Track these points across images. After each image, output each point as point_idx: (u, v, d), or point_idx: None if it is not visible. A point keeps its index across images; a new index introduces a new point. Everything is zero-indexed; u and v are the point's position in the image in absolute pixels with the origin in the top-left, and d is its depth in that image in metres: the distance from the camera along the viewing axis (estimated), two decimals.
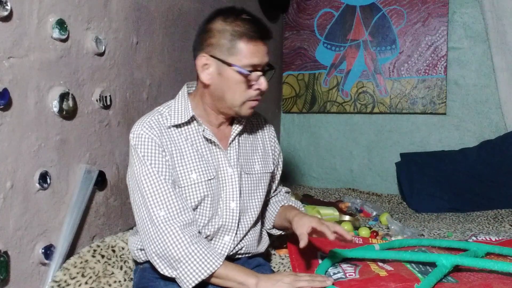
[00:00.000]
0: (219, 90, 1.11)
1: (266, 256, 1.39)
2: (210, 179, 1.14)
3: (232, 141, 1.19)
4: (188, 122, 1.15)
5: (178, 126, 1.15)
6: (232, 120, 1.21)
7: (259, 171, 1.25)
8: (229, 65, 1.08)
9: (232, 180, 1.17)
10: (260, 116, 1.33)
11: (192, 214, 1.09)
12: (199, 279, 1.02)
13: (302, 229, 1.11)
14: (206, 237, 1.15)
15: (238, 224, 1.18)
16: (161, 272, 1.06)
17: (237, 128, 1.20)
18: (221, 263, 1.04)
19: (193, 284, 1.03)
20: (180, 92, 1.22)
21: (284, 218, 1.27)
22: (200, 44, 1.11)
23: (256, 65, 1.09)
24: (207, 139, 1.16)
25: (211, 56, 1.09)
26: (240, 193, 1.18)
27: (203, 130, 1.15)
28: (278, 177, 1.38)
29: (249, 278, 1.03)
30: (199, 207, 1.14)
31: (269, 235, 1.38)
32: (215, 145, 1.17)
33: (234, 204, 1.17)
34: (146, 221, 1.07)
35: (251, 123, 1.29)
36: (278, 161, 1.37)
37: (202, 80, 1.12)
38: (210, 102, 1.15)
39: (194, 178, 1.12)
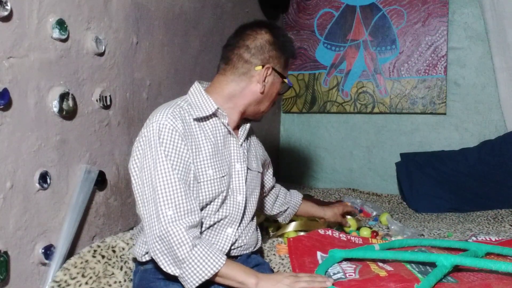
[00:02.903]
0: (265, 97, 1.24)
1: (262, 254, 1.41)
2: (223, 176, 1.17)
3: (246, 139, 1.29)
4: (209, 117, 1.19)
5: (199, 120, 1.17)
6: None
7: (255, 169, 1.31)
8: (284, 77, 1.25)
9: (239, 175, 1.22)
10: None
11: (198, 216, 1.09)
12: (203, 279, 1.03)
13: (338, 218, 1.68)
14: (209, 227, 1.17)
15: (242, 217, 1.22)
16: (164, 270, 1.06)
17: (247, 127, 1.29)
18: (224, 262, 1.04)
19: (197, 284, 1.03)
20: (193, 89, 1.23)
21: (308, 213, 1.66)
22: (261, 53, 1.20)
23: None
24: (228, 131, 1.22)
25: (273, 68, 1.22)
26: (250, 185, 1.25)
27: (227, 124, 1.20)
28: (271, 172, 1.55)
29: (250, 278, 1.04)
30: (212, 202, 1.16)
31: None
32: (233, 136, 1.23)
33: (241, 198, 1.21)
34: (153, 218, 1.06)
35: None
36: (268, 162, 1.52)
37: (256, 86, 1.21)
38: (246, 104, 1.23)
39: (211, 174, 1.14)
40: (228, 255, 1.19)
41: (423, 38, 2.72)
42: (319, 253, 1.34)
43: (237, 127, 1.28)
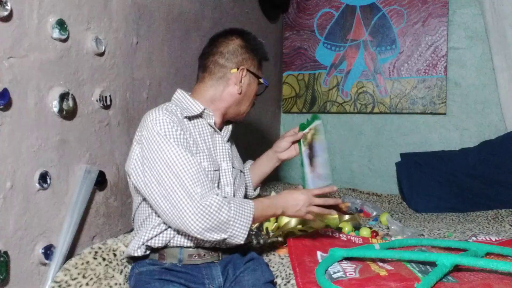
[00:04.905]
0: (243, 98, 1.32)
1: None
2: (216, 170, 1.23)
3: (228, 140, 1.35)
4: (196, 117, 1.25)
5: (189, 118, 1.24)
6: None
7: (238, 168, 1.39)
8: (259, 78, 1.34)
9: (226, 172, 1.29)
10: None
11: (217, 189, 1.17)
12: (248, 229, 1.12)
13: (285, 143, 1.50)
14: None
15: None
16: (212, 240, 1.10)
17: (229, 129, 1.36)
18: (253, 206, 1.14)
19: (246, 235, 1.12)
20: (177, 95, 1.31)
21: (257, 168, 1.56)
22: (234, 57, 1.28)
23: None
24: (215, 130, 1.29)
25: (247, 69, 1.30)
26: (234, 182, 1.31)
27: (214, 123, 1.28)
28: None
29: (277, 211, 1.23)
30: None
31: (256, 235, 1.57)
32: (218, 134, 1.30)
33: (229, 189, 1.28)
34: (185, 201, 1.07)
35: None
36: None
37: (234, 88, 1.28)
38: (226, 106, 1.30)
39: (206, 166, 1.20)
40: (219, 248, 1.21)
41: (423, 38, 2.72)
42: (319, 253, 1.34)
43: (220, 129, 1.33)
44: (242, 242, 1.13)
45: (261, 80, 1.35)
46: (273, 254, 1.44)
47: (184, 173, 1.09)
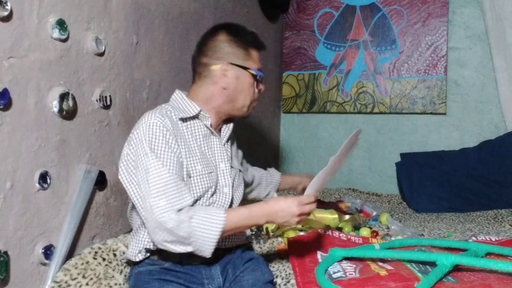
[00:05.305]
0: (234, 92, 1.27)
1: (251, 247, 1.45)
2: (211, 172, 1.22)
3: (228, 139, 1.33)
4: (191, 118, 1.24)
5: (184, 120, 1.22)
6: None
7: (236, 167, 1.36)
8: (247, 69, 1.27)
9: (224, 173, 1.27)
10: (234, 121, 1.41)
11: (191, 201, 1.12)
12: (215, 241, 1.07)
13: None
14: None
15: (230, 207, 1.26)
16: (177, 251, 1.08)
17: (230, 127, 1.33)
18: (224, 218, 1.07)
19: (212, 248, 1.07)
20: (175, 96, 1.29)
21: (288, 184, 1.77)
22: (215, 53, 1.25)
23: (259, 70, 1.30)
24: (211, 132, 1.27)
25: (230, 63, 1.25)
26: (233, 183, 1.30)
27: (210, 125, 1.25)
28: (247, 164, 1.65)
29: (259, 220, 1.13)
30: (202, 197, 1.20)
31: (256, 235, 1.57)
32: (215, 136, 1.28)
33: (227, 189, 1.27)
34: (148, 212, 1.08)
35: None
36: (243, 159, 1.57)
37: (220, 85, 1.25)
38: (220, 104, 1.27)
39: (199, 170, 1.19)
40: (218, 248, 1.19)
41: (423, 38, 2.72)
42: (319, 253, 1.35)
43: (219, 129, 1.32)
44: (209, 256, 1.09)
45: (251, 71, 1.27)
46: (273, 254, 1.44)
47: (153, 183, 1.08)
